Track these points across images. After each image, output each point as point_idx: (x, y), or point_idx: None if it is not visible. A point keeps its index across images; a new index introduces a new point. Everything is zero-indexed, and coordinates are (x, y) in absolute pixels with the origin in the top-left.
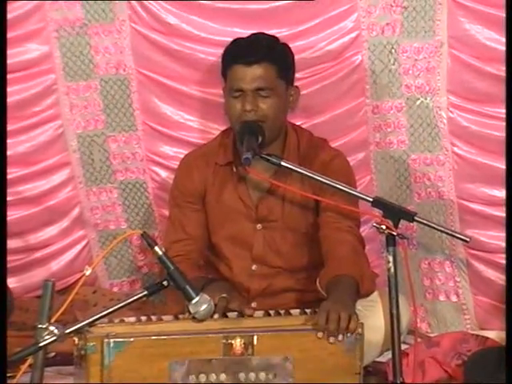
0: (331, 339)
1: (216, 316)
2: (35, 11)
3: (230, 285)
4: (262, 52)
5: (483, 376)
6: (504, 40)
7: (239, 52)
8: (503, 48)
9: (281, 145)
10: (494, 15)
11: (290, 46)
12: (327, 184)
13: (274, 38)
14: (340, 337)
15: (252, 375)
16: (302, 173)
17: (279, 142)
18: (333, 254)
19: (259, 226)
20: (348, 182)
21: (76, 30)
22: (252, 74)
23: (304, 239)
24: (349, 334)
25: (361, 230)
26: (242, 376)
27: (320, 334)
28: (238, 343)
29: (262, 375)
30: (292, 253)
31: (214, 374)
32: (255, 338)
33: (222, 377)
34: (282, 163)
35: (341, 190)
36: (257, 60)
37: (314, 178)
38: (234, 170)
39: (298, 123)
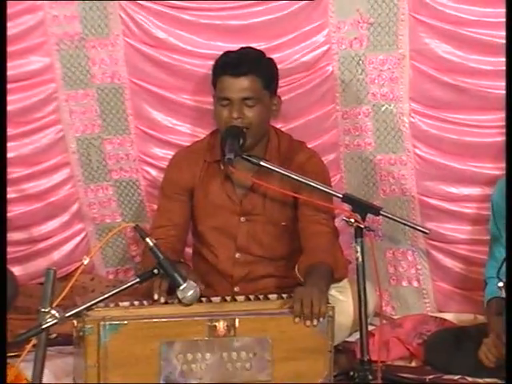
0: (307, 323)
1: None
2: (37, 26)
3: (189, 266)
4: (249, 65)
5: (441, 354)
6: (460, 53)
7: (228, 64)
8: (459, 60)
9: (263, 147)
10: (451, 30)
11: None
12: (303, 182)
13: (261, 52)
14: (315, 321)
15: (234, 354)
16: (279, 172)
17: (262, 144)
18: (310, 243)
19: (243, 218)
20: (323, 180)
21: (75, 44)
22: (239, 85)
23: (283, 231)
24: (321, 319)
25: None
26: (225, 355)
27: (297, 320)
28: (221, 325)
29: (243, 354)
30: (272, 243)
31: (199, 354)
32: (237, 320)
33: (207, 356)
34: (262, 163)
35: (315, 187)
36: (244, 72)
37: (290, 177)
38: (222, 167)
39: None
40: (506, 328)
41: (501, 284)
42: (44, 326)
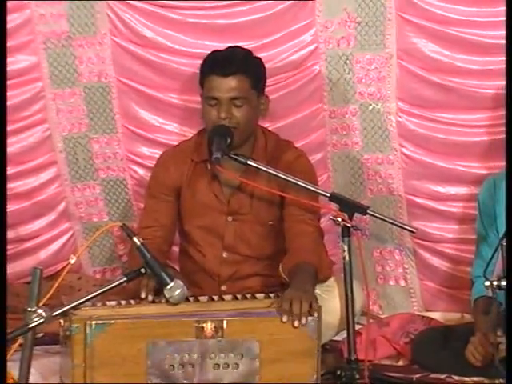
0: (296, 323)
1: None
2: (25, 25)
3: (175, 269)
4: (238, 65)
5: (428, 352)
6: (448, 53)
7: (216, 64)
8: (446, 60)
9: (251, 146)
10: (438, 30)
11: None
12: (290, 181)
13: (249, 52)
14: (303, 320)
15: (221, 356)
16: (266, 171)
17: (249, 143)
18: (295, 243)
19: (230, 218)
20: (309, 179)
21: (62, 42)
22: (227, 85)
23: (270, 230)
24: (310, 318)
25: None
26: (212, 356)
27: (285, 318)
28: (209, 327)
29: (231, 356)
30: (259, 242)
31: (186, 355)
32: (225, 322)
33: (195, 357)
34: (249, 162)
35: (302, 186)
36: (232, 72)
37: (277, 176)
38: (209, 167)
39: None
40: (506, 327)
41: (487, 283)
42: (31, 326)
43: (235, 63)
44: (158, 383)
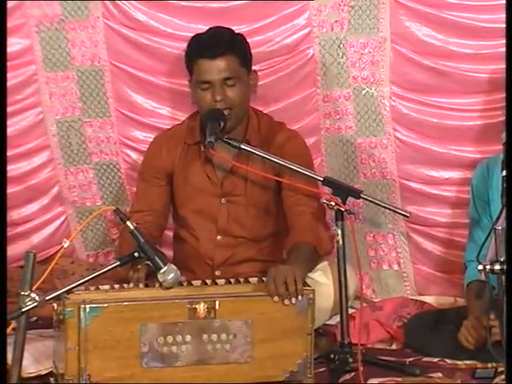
0: (286, 301)
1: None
2: (17, 8)
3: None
4: (225, 45)
5: (421, 336)
6: (441, 37)
7: (203, 46)
8: (439, 43)
9: (244, 128)
10: (432, 14)
11: (249, 40)
12: (282, 165)
13: (231, 31)
14: (293, 300)
15: (214, 336)
16: (259, 155)
17: (243, 125)
18: (294, 224)
19: (223, 200)
20: (303, 160)
21: (54, 26)
22: (218, 66)
23: (265, 212)
24: (300, 298)
25: None
26: (205, 337)
27: (276, 298)
28: (201, 308)
29: (223, 336)
30: (253, 224)
31: (180, 336)
32: (217, 302)
33: (188, 338)
34: (242, 146)
35: (294, 170)
36: (221, 53)
37: (270, 160)
38: (202, 149)
39: None
40: (506, 327)
41: (480, 267)
42: (24, 309)
43: (222, 44)
44: (151, 365)
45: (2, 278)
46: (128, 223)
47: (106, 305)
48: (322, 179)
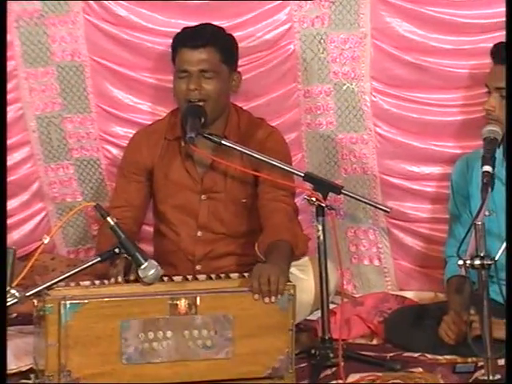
0: (266, 299)
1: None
2: None
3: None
4: (207, 37)
5: (402, 331)
6: (422, 32)
7: (186, 37)
8: (420, 39)
9: (223, 123)
10: (412, 10)
11: None
12: (263, 161)
13: (221, 28)
14: (273, 298)
15: (195, 332)
16: (240, 150)
17: (222, 120)
18: (269, 221)
19: (204, 196)
20: (282, 157)
21: (34, 21)
22: (197, 57)
23: (244, 208)
24: (279, 296)
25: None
26: (186, 333)
27: (256, 296)
28: (182, 304)
29: (205, 332)
30: (233, 220)
31: (161, 332)
32: (198, 298)
33: (169, 334)
34: (223, 142)
35: (275, 165)
36: (202, 44)
37: (250, 155)
38: (182, 144)
39: None
40: (506, 327)
41: (461, 262)
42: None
43: (205, 36)
44: (132, 362)
45: (2, 278)
46: (109, 219)
47: (86, 301)
48: (303, 175)
